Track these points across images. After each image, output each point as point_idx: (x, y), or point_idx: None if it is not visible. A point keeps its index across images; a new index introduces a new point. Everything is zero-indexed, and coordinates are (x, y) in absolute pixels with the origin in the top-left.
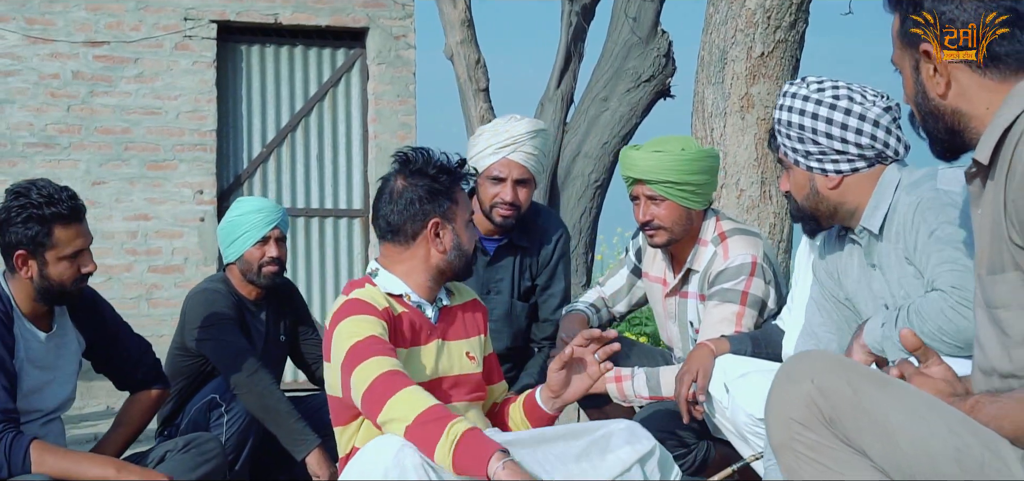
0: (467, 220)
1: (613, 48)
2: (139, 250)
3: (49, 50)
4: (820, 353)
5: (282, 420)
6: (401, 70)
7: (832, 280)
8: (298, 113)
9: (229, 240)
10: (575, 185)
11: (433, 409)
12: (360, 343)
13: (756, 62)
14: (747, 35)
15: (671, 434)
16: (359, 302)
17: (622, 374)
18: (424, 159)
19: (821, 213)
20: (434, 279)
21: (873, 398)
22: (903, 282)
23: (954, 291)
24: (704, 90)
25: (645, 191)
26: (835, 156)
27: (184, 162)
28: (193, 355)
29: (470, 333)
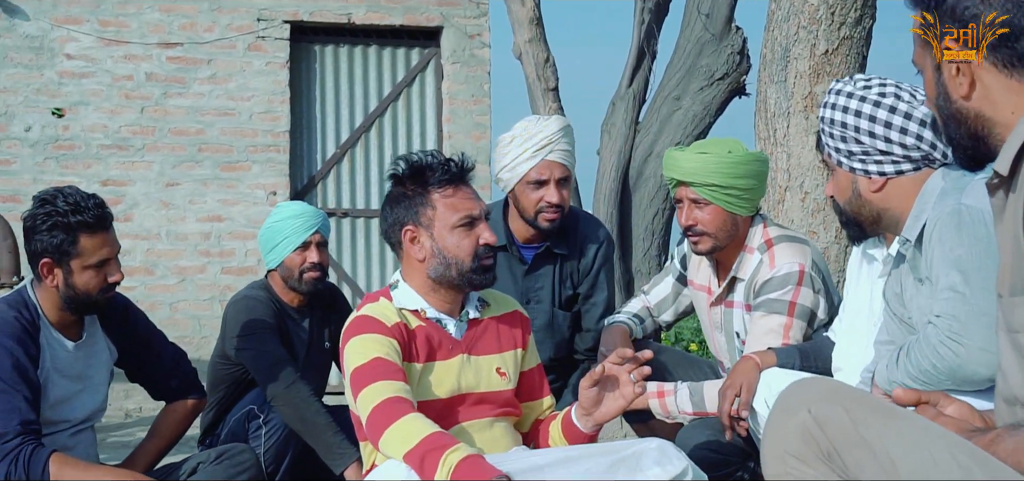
0: (455, 225)
1: (686, 45)
2: (212, 252)
3: (123, 52)
4: (818, 380)
5: (320, 432)
6: (476, 69)
7: (896, 299)
8: (372, 113)
9: (269, 246)
10: (647, 186)
11: (431, 438)
12: (364, 366)
13: (820, 60)
14: (810, 32)
15: (714, 452)
16: (368, 319)
17: (665, 389)
18: (405, 164)
19: (864, 218)
20: (437, 292)
21: (874, 429)
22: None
23: (942, 321)
24: (767, 89)
25: (689, 194)
26: (879, 157)
27: (257, 163)
28: (234, 363)
29: (504, 347)
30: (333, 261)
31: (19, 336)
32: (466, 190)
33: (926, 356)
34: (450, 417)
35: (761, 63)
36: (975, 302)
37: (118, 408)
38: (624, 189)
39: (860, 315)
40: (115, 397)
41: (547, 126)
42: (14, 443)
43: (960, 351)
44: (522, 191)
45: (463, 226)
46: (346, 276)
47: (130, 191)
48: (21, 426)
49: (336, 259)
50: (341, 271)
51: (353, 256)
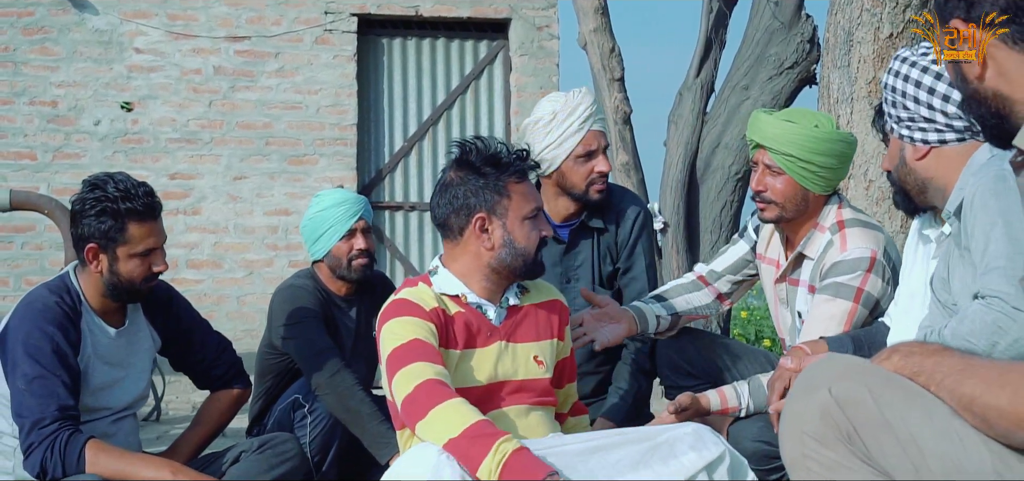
0: (526, 216)
1: (754, 34)
2: (279, 245)
3: (191, 46)
4: (842, 358)
5: (364, 422)
6: (544, 61)
7: (942, 286)
8: (440, 106)
9: (314, 238)
10: (715, 178)
11: (479, 425)
12: (403, 347)
13: (884, 44)
14: (874, 15)
15: (768, 443)
16: (406, 302)
17: (725, 393)
18: (476, 150)
19: (910, 187)
20: (490, 279)
21: (898, 411)
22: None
23: (997, 300)
24: (830, 74)
25: (765, 158)
26: (923, 124)
27: (325, 157)
28: (280, 353)
29: (542, 336)
30: (400, 255)
31: (60, 321)
32: (531, 183)
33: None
34: (488, 404)
35: (825, 47)
36: None
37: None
38: (691, 181)
39: (915, 299)
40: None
41: (584, 98)
42: (51, 429)
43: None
44: (570, 167)
45: (532, 218)
46: (413, 270)
47: (198, 185)
48: (59, 412)
49: (403, 252)
50: (408, 265)
51: (420, 249)
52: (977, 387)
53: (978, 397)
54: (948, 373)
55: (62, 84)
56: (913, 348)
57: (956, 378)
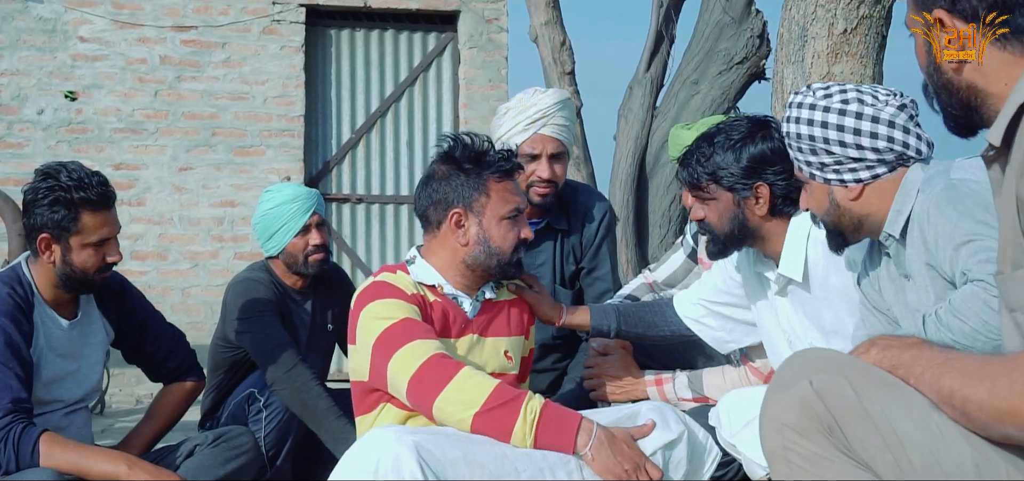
0: (504, 216)
1: (705, 29)
2: (225, 237)
3: (136, 35)
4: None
5: (322, 417)
6: (493, 54)
7: (873, 290)
8: (388, 98)
9: (268, 234)
10: (664, 172)
11: (499, 391)
12: (395, 327)
13: (838, 40)
14: (828, 10)
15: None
16: (386, 285)
17: (663, 377)
18: (463, 146)
19: (845, 227)
20: (465, 275)
21: (879, 402)
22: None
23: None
24: (784, 70)
25: None
26: (853, 164)
27: (271, 148)
28: (234, 346)
29: (513, 331)
30: (347, 247)
31: (12, 313)
32: (515, 182)
33: (978, 315)
34: None
35: (778, 43)
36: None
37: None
38: (641, 175)
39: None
40: (126, 383)
41: (542, 99)
42: (4, 422)
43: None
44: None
45: (510, 218)
46: (360, 263)
47: (143, 175)
48: (12, 405)
49: (350, 245)
50: (355, 257)
51: (367, 242)
52: (956, 380)
53: (957, 390)
54: (927, 366)
55: (5, 72)
56: (891, 341)
57: (935, 371)
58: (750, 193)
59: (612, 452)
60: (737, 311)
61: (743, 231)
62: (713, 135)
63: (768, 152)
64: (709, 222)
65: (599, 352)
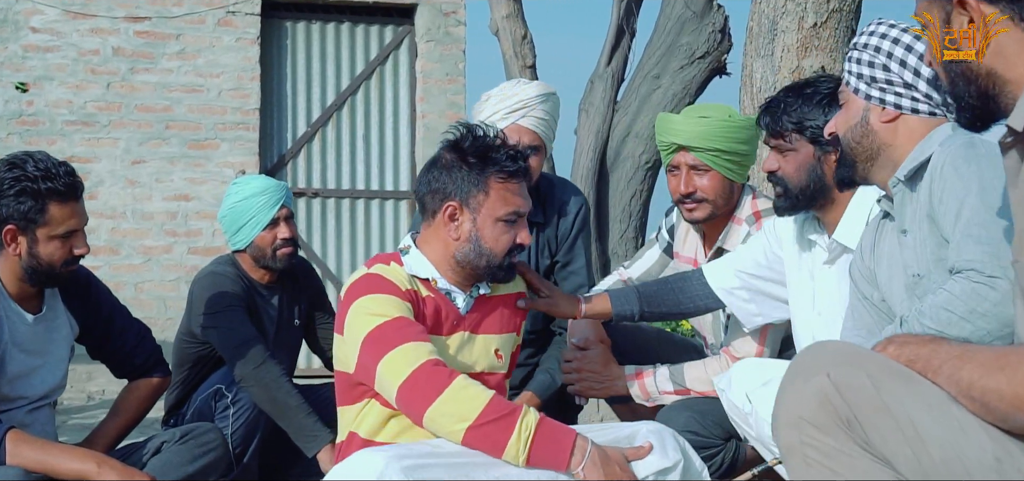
0: (501, 217)
1: (666, 23)
2: (179, 231)
3: (89, 26)
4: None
5: (291, 414)
6: (450, 48)
7: (866, 279)
8: (344, 92)
9: (235, 228)
10: (625, 166)
11: (494, 404)
12: (388, 325)
13: (808, 33)
14: (799, 4)
15: (695, 434)
16: (380, 279)
17: (643, 371)
18: (472, 138)
19: (860, 154)
20: (456, 271)
21: (898, 396)
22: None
23: (974, 271)
24: (753, 63)
25: (688, 160)
26: (900, 88)
27: (226, 141)
28: (200, 342)
29: (505, 328)
30: (302, 242)
31: None
32: (520, 185)
33: (963, 303)
34: None
35: (747, 37)
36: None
37: (80, 390)
38: (602, 169)
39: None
40: (77, 379)
41: (524, 90)
42: None
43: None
44: None
45: (507, 221)
46: (315, 257)
47: (95, 168)
48: None
49: (305, 240)
50: (310, 252)
51: (323, 237)
52: (975, 371)
53: (976, 381)
54: (945, 360)
55: None
56: (907, 338)
57: (954, 364)
58: (832, 150)
59: (605, 473)
60: (772, 286)
61: (818, 187)
62: (801, 87)
63: None
64: (784, 174)
65: (577, 346)
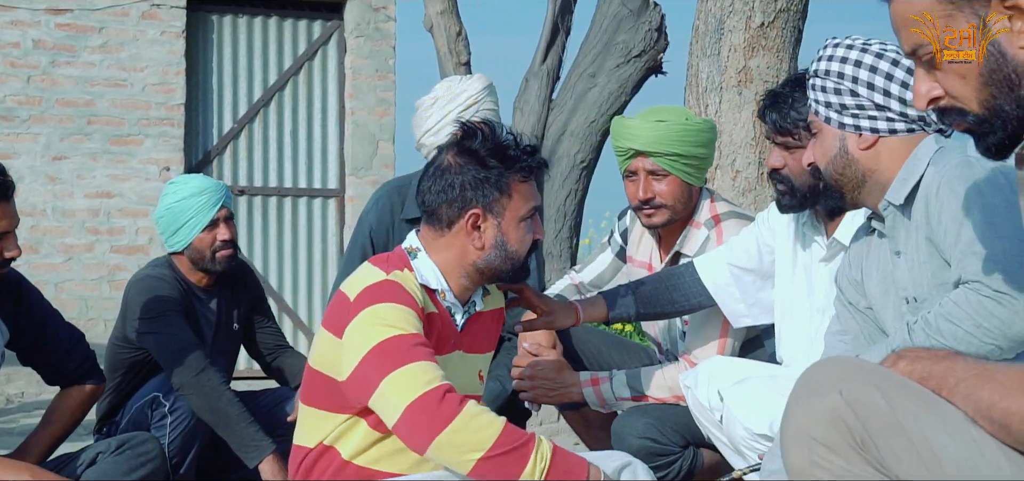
0: (523, 217)
1: (602, 21)
2: (101, 229)
3: (9, 18)
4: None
5: (232, 424)
6: (380, 43)
7: (853, 287)
8: (271, 87)
9: (172, 229)
10: (560, 165)
11: (508, 434)
12: (402, 340)
13: (755, 33)
14: (746, 3)
15: (654, 440)
16: (402, 289)
17: (599, 377)
18: (482, 137)
19: (847, 183)
20: (471, 278)
21: (913, 414)
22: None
23: (982, 285)
24: (699, 63)
25: (646, 165)
26: (874, 111)
27: (150, 137)
28: (135, 347)
29: (490, 346)
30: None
31: None
32: (533, 180)
33: (971, 318)
34: None
35: (693, 36)
36: (1018, 252)
37: None
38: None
39: (799, 303)
40: None
41: (471, 85)
42: None
43: (1012, 304)
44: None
45: (529, 219)
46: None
47: (14, 165)
48: None
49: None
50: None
51: (249, 236)
52: (996, 392)
53: (997, 403)
54: (962, 378)
55: None
56: (920, 353)
57: (971, 383)
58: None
59: None
60: (759, 284)
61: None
62: (804, 81)
63: None
64: (789, 172)
65: (530, 352)
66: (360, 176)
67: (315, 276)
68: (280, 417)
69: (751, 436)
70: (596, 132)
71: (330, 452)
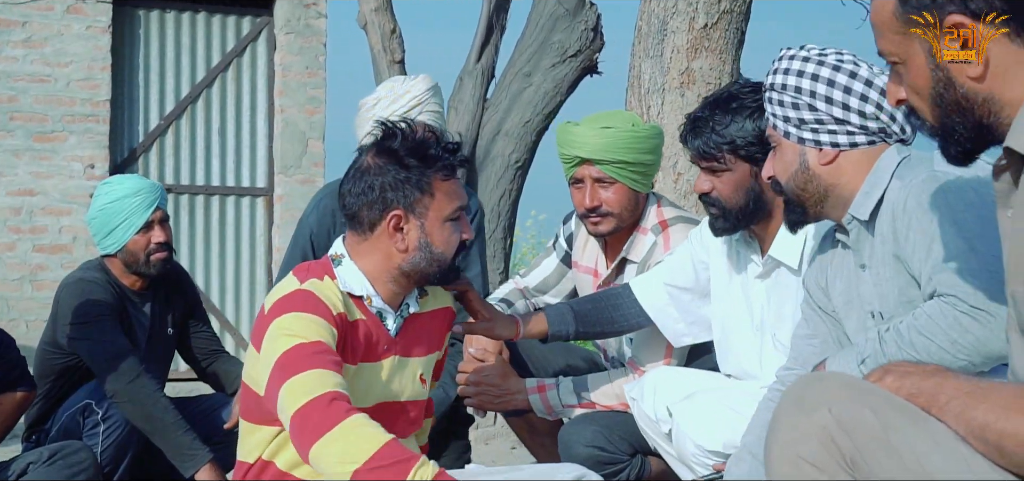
0: (448, 217)
1: (538, 20)
2: (23, 228)
3: None
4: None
5: (168, 432)
6: (311, 40)
7: (820, 291)
8: (199, 84)
9: (105, 231)
10: (494, 165)
11: (389, 448)
12: (304, 347)
13: (698, 34)
14: (690, 4)
15: (602, 449)
16: (312, 297)
17: (545, 384)
18: (402, 137)
19: (809, 197)
20: (398, 282)
21: (904, 433)
22: (894, 284)
23: (958, 299)
24: (641, 64)
25: (593, 173)
26: (833, 125)
27: (74, 134)
28: (66, 353)
29: (431, 349)
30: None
31: None
32: (457, 179)
33: (944, 333)
34: None
35: (636, 36)
36: (993, 269)
37: None
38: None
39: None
40: None
41: (415, 85)
42: None
43: (989, 321)
44: None
45: (454, 219)
46: None
47: None
48: None
49: None
50: None
51: (176, 235)
52: (990, 413)
53: (992, 424)
54: (953, 396)
55: None
56: (908, 368)
57: (964, 401)
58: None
59: None
60: (697, 302)
61: (757, 205)
62: (727, 101)
63: None
64: (719, 195)
65: (475, 359)
66: (289, 175)
67: (243, 276)
68: (216, 424)
69: (702, 452)
70: (531, 132)
71: (269, 467)
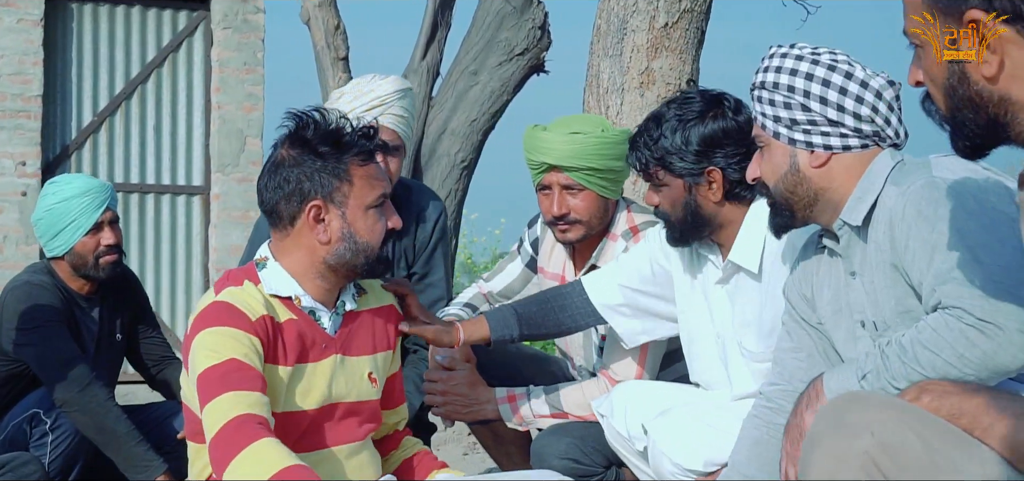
0: (370, 205)
1: (484, 18)
2: None
3: None
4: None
5: (121, 443)
6: (249, 36)
7: (804, 301)
8: (134, 79)
9: (52, 232)
10: (440, 165)
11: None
12: (216, 369)
13: (659, 34)
14: (650, 3)
15: (576, 461)
16: (228, 308)
17: (515, 393)
18: (314, 125)
19: (798, 201)
20: (326, 277)
21: (949, 458)
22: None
23: (964, 312)
24: (600, 63)
25: (561, 180)
26: (826, 128)
27: (5, 130)
28: (11, 360)
29: (378, 347)
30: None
31: None
32: (378, 165)
33: (952, 347)
34: (317, 435)
35: (594, 35)
36: (1000, 279)
37: None
38: (416, 168)
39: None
40: None
41: (381, 85)
42: None
43: (998, 334)
44: None
45: (377, 206)
46: None
47: None
48: None
49: None
50: None
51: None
52: None
53: None
54: (998, 417)
55: None
56: (947, 388)
57: (1011, 423)
58: (702, 179)
59: None
60: (657, 303)
61: (697, 219)
62: (661, 115)
63: (720, 132)
64: (664, 209)
65: (443, 366)
66: (226, 173)
67: (178, 276)
68: (168, 433)
69: (681, 471)
70: (477, 131)
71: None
